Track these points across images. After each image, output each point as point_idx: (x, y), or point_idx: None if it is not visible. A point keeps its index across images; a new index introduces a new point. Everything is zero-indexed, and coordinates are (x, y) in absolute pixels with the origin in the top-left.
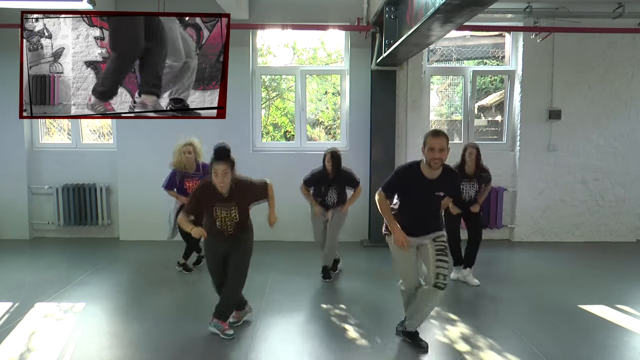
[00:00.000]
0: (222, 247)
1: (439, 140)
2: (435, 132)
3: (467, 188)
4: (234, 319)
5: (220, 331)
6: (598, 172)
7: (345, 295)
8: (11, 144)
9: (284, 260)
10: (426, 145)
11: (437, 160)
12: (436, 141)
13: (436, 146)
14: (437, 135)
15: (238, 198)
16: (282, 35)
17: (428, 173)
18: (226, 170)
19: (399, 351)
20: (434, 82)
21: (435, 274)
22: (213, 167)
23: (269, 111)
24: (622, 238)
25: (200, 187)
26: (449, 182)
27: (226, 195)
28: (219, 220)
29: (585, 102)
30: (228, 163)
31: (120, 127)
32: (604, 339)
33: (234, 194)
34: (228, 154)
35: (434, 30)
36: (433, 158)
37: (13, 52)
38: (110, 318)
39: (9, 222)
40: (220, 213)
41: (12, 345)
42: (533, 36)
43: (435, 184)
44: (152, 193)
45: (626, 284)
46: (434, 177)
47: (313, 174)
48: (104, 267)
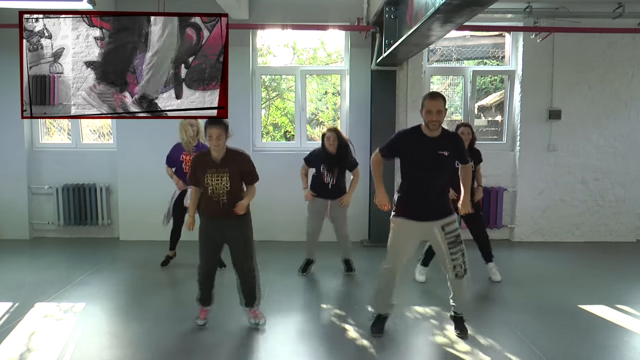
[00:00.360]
0: (219, 229)
1: (436, 102)
2: (432, 94)
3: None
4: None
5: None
6: (598, 172)
7: (345, 295)
8: (11, 144)
9: (283, 260)
10: (424, 108)
11: (434, 122)
12: (433, 103)
13: (433, 108)
14: (434, 97)
15: (230, 164)
16: (282, 35)
17: (428, 132)
18: (220, 133)
19: (399, 351)
20: (434, 82)
21: (452, 267)
22: (207, 131)
23: (269, 111)
24: (622, 238)
25: (195, 156)
26: (451, 141)
27: (218, 161)
28: (211, 188)
29: (585, 102)
30: (222, 126)
31: (120, 127)
32: (604, 339)
33: (226, 161)
34: (221, 120)
35: (434, 30)
36: (431, 120)
37: (13, 52)
38: (110, 318)
39: (9, 222)
40: (212, 180)
41: (12, 345)
42: (533, 36)
43: (437, 142)
44: (152, 193)
45: (626, 284)
46: (435, 136)
47: (312, 152)
48: (104, 267)
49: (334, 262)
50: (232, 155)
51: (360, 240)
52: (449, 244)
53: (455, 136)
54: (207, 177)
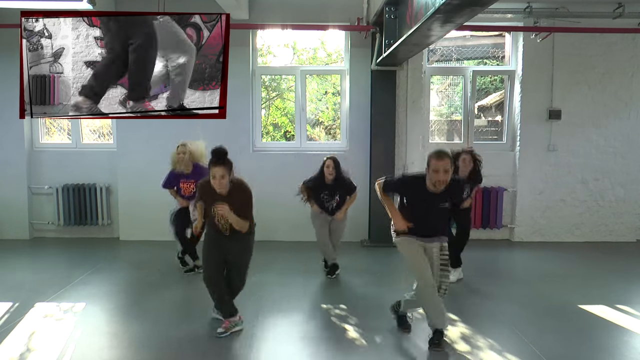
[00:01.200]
0: (222, 244)
1: (443, 163)
2: (438, 154)
3: None
4: (222, 329)
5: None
6: (598, 172)
7: (345, 295)
8: (11, 144)
9: (283, 260)
10: (430, 167)
11: (441, 182)
12: (440, 164)
13: (440, 169)
14: (441, 157)
15: (233, 200)
16: (282, 35)
17: (432, 188)
18: (224, 173)
19: (399, 351)
20: (434, 82)
21: (439, 284)
22: (211, 170)
23: (269, 111)
24: (622, 238)
25: (200, 187)
26: (453, 192)
27: (224, 195)
28: (217, 218)
29: (585, 102)
30: (226, 166)
31: (120, 127)
32: (604, 339)
33: (230, 196)
34: (225, 157)
35: (434, 30)
36: (438, 180)
37: (13, 52)
38: (110, 318)
39: (9, 222)
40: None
41: (12, 345)
42: (533, 36)
43: (439, 197)
44: (152, 193)
45: (626, 284)
46: (437, 192)
47: (312, 179)
48: (104, 267)
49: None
50: (236, 189)
51: (360, 240)
52: (442, 264)
53: (458, 186)
54: (214, 210)
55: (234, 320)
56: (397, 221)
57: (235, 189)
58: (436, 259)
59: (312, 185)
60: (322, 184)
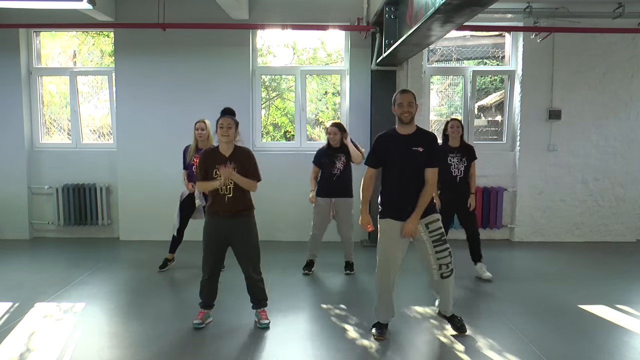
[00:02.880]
0: (223, 229)
1: (406, 96)
2: (402, 90)
3: (455, 162)
4: (264, 319)
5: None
6: (598, 172)
7: (345, 295)
8: (11, 144)
9: (284, 260)
10: (395, 102)
11: (406, 113)
12: (404, 96)
13: (404, 101)
14: (405, 91)
15: (237, 160)
16: (282, 35)
17: (402, 130)
18: (230, 124)
19: (399, 351)
20: (434, 82)
21: (438, 266)
22: (219, 122)
23: (269, 111)
24: (622, 238)
25: (203, 153)
26: (425, 138)
27: (227, 156)
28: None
29: (585, 102)
30: (233, 118)
31: (120, 127)
32: (604, 339)
33: (234, 156)
34: (233, 113)
35: (434, 30)
36: (403, 112)
37: (13, 52)
38: (110, 318)
39: (9, 222)
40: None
41: (12, 345)
42: (533, 36)
43: (410, 139)
44: (152, 193)
45: (626, 284)
46: (409, 133)
47: (318, 150)
48: (104, 267)
49: (334, 262)
50: (239, 151)
51: (360, 240)
52: (434, 242)
53: (429, 134)
54: (216, 172)
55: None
56: (364, 216)
57: (239, 151)
58: (426, 240)
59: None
60: (327, 149)
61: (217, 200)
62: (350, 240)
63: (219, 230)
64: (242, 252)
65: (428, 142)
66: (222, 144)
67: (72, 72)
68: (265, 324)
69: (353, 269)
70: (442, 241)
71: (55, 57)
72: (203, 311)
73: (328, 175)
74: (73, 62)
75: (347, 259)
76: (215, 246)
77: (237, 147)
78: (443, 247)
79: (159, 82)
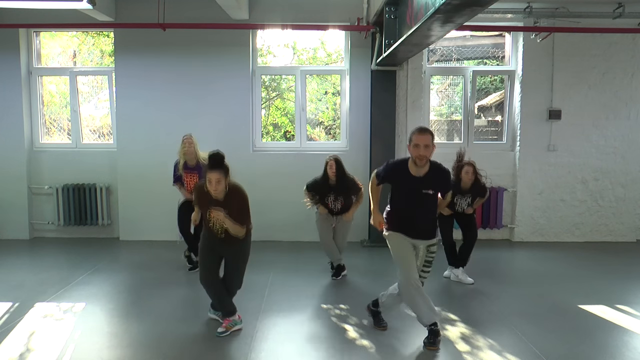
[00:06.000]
0: (217, 247)
1: (423, 137)
2: (420, 129)
3: (460, 202)
4: (222, 328)
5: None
6: (598, 172)
7: (346, 295)
8: (11, 144)
9: (283, 260)
10: (411, 142)
11: (422, 157)
12: (421, 138)
13: (421, 143)
14: (423, 132)
15: (229, 205)
16: (282, 35)
17: (414, 171)
18: (220, 179)
19: (399, 351)
20: (434, 82)
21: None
22: (207, 176)
23: (269, 111)
24: (622, 238)
25: (196, 190)
26: (438, 179)
27: (220, 200)
28: (212, 223)
29: (585, 102)
30: (222, 171)
31: (120, 127)
32: (604, 339)
33: (226, 201)
34: (222, 162)
35: (434, 30)
36: (418, 155)
37: (13, 52)
38: (110, 318)
39: (9, 222)
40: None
41: (12, 345)
42: (533, 36)
43: (422, 181)
44: (152, 193)
45: (626, 284)
46: (420, 175)
47: (315, 181)
48: (104, 267)
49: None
50: (232, 194)
51: (360, 240)
52: (426, 261)
53: (443, 174)
54: (209, 214)
55: (233, 319)
56: (375, 216)
57: (232, 194)
58: (422, 256)
59: (316, 187)
60: (326, 185)
61: (212, 236)
62: (342, 249)
63: (214, 248)
64: (229, 267)
65: (441, 183)
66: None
67: (72, 72)
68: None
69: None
70: (431, 263)
71: (55, 57)
72: (228, 319)
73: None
74: (73, 62)
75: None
76: (209, 257)
77: (230, 189)
78: (429, 268)
79: (159, 82)
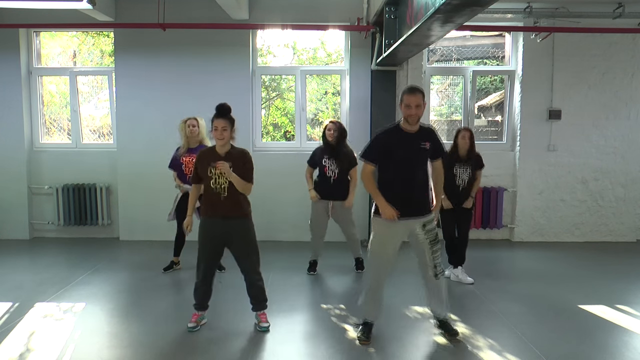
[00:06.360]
0: (219, 230)
1: (414, 98)
2: (410, 88)
3: (460, 172)
4: (264, 322)
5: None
6: (598, 172)
7: (346, 295)
8: (11, 144)
9: (283, 260)
10: (403, 102)
11: (413, 116)
12: (412, 98)
13: (412, 103)
14: (413, 91)
15: (233, 159)
16: (282, 35)
17: (408, 128)
18: (225, 126)
19: (399, 351)
20: (434, 82)
21: (433, 265)
22: (213, 123)
23: (269, 111)
24: (622, 238)
25: (201, 151)
26: (429, 134)
27: (223, 155)
28: (213, 180)
29: (585, 102)
30: (228, 119)
31: (120, 127)
32: (604, 339)
33: (230, 156)
34: (228, 111)
35: (434, 30)
36: (409, 114)
37: (13, 52)
38: (110, 318)
39: (9, 222)
40: (215, 173)
41: (12, 345)
42: (533, 36)
43: (417, 136)
44: (152, 193)
45: (626, 284)
46: (414, 131)
47: (314, 150)
48: (104, 267)
49: (335, 262)
50: (236, 151)
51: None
52: (430, 242)
53: (430, 130)
54: (211, 169)
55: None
56: (385, 209)
57: (235, 152)
58: (422, 240)
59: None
60: (324, 149)
61: (213, 200)
62: (355, 237)
63: (215, 231)
64: (241, 253)
65: (432, 138)
66: (218, 144)
67: (72, 72)
68: (265, 327)
69: (363, 265)
70: (437, 241)
71: (55, 57)
72: (197, 313)
73: (324, 177)
74: (73, 62)
75: (355, 256)
76: (210, 248)
77: (234, 147)
78: (437, 246)
79: (159, 82)
